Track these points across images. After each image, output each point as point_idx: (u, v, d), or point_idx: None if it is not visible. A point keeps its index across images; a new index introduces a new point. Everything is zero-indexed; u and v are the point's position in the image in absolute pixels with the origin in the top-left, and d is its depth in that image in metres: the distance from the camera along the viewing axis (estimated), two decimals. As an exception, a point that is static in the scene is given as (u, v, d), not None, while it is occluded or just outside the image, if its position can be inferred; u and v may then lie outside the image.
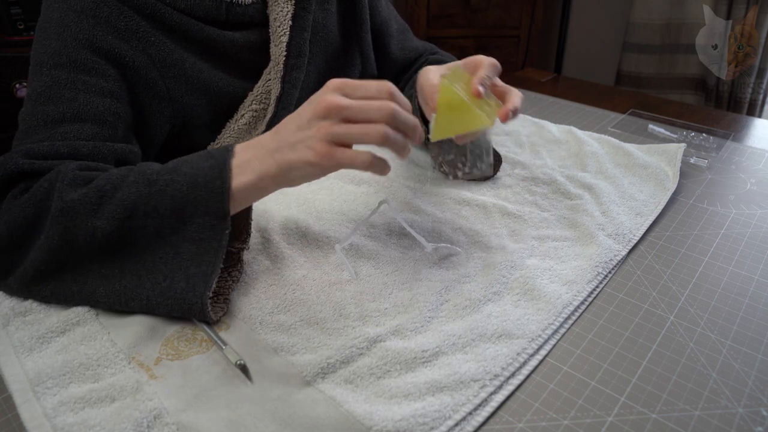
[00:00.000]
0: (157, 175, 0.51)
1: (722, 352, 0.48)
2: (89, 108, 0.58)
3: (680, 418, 0.42)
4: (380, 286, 0.55)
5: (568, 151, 0.83)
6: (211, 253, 0.50)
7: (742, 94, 1.84)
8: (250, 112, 0.73)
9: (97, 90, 0.59)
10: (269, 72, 0.73)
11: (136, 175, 0.51)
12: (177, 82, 0.66)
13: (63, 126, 0.57)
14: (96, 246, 0.50)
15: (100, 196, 0.50)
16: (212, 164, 0.50)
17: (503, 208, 0.67)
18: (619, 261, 0.60)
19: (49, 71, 0.59)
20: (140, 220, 0.50)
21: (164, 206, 0.50)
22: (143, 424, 0.40)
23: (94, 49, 0.60)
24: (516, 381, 0.45)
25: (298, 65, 0.73)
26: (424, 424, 0.40)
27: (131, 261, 0.50)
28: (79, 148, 0.56)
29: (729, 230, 0.66)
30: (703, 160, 0.83)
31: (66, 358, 0.46)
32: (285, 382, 0.44)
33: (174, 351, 0.48)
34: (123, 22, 0.61)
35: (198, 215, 0.50)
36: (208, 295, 0.49)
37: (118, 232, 0.50)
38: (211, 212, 0.50)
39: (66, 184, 0.51)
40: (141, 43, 0.63)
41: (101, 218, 0.49)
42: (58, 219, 0.50)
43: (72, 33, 0.59)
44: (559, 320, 0.51)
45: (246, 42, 0.71)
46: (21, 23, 1.55)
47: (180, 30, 0.66)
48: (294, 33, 0.72)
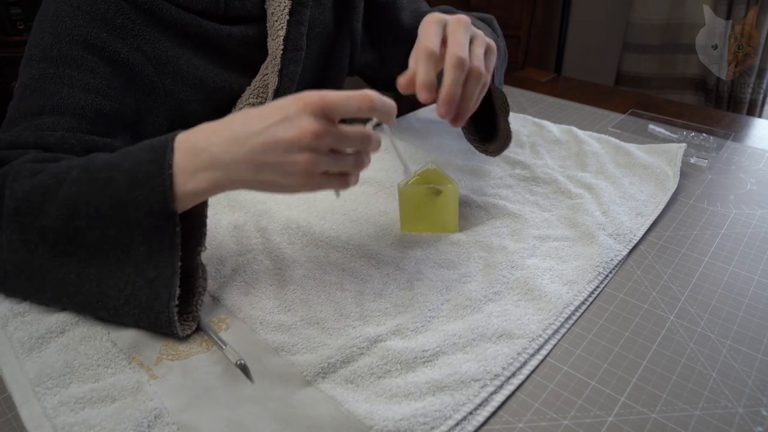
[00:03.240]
0: (97, 172, 0.47)
1: (722, 352, 0.49)
2: (70, 102, 0.58)
3: (680, 418, 0.42)
4: (381, 285, 0.55)
5: (568, 151, 0.83)
6: (164, 253, 0.46)
7: (742, 94, 1.84)
8: (247, 106, 0.73)
9: (82, 85, 0.59)
10: (266, 66, 0.73)
11: (79, 171, 0.48)
12: (173, 79, 0.66)
13: (42, 118, 0.57)
14: (48, 247, 0.47)
15: (42, 193, 0.47)
16: (152, 158, 0.46)
17: (504, 208, 0.67)
18: (619, 261, 0.60)
19: (38, 64, 0.59)
20: (83, 221, 0.46)
21: (105, 207, 0.46)
22: (144, 424, 0.40)
23: (87, 45, 0.60)
24: (516, 381, 0.45)
25: (295, 59, 0.73)
26: (425, 424, 0.40)
27: (85, 265, 0.47)
28: (46, 138, 0.56)
29: (729, 230, 0.66)
30: (703, 160, 0.83)
31: (66, 358, 0.46)
32: (285, 382, 0.44)
33: (174, 351, 0.48)
34: (119, 19, 0.61)
35: (141, 216, 0.45)
36: (174, 304, 0.46)
37: (64, 232, 0.46)
38: (155, 213, 0.45)
39: (12, 179, 0.49)
40: (136, 41, 0.63)
41: (47, 218, 0.47)
42: (13, 218, 0.48)
43: (66, 28, 0.59)
44: (560, 320, 0.51)
45: (244, 37, 0.71)
46: (21, 23, 1.55)
47: (177, 25, 0.65)
48: (291, 27, 0.72)
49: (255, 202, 0.69)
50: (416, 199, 0.62)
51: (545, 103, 1.07)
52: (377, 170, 0.78)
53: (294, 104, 0.44)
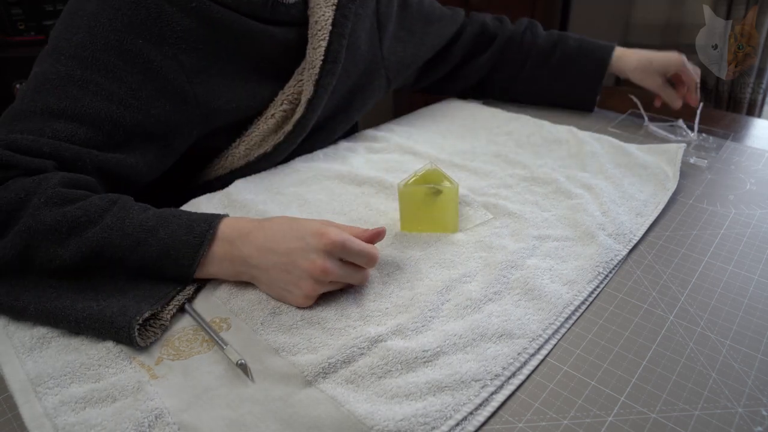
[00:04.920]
0: (133, 230, 0.51)
1: (722, 352, 0.49)
2: (90, 112, 0.57)
3: (680, 418, 0.42)
4: (381, 285, 0.55)
5: (568, 151, 0.83)
6: (155, 298, 0.51)
7: (742, 94, 1.84)
8: (280, 111, 0.73)
9: (107, 94, 0.58)
10: (302, 72, 0.73)
11: (113, 219, 0.51)
12: (205, 88, 0.66)
13: (58, 122, 0.56)
14: (47, 271, 0.50)
15: (71, 227, 0.50)
16: (188, 242, 0.52)
17: (504, 208, 0.67)
18: (619, 261, 0.60)
19: (66, 60, 0.58)
20: (103, 263, 0.51)
21: (130, 261, 0.51)
22: (144, 424, 0.41)
23: (122, 51, 0.59)
24: (517, 381, 0.45)
25: (333, 71, 0.73)
26: (426, 424, 0.40)
27: (71, 287, 0.50)
28: (62, 152, 0.55)
29: (729, 230, 0.66)
30: (703, 160, 0.83)
31: (67, 358, 0.46)
32: (286, 382, 0.44)
33: (175, 351, 0.48)
34: (158, 26, 0.61)
35: (158, 277, 0.52)
36: (137, 320, 0.47)
37: (76, 266, 0.50)
38: (171, 279, 0.52)
39: (43, 201, 0.50)
40: (172, 49, 0.62)
41: (66, 249, 0.50)
42: (23, 234, 0.49)
43: (103, 31, 0.58)
44: (560, 320, 0.51)
45: (284, 39, 0.71)
46: (21, 23, 1.55)
47: (224, 23, 0.65)
48: (333, 38, 0.72)
49: (255, 203, 0.69)
50: (416, 199, 0.62)
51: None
52: (377, 170, 0.78)
53: (317, 239, 0.51)
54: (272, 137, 0.75)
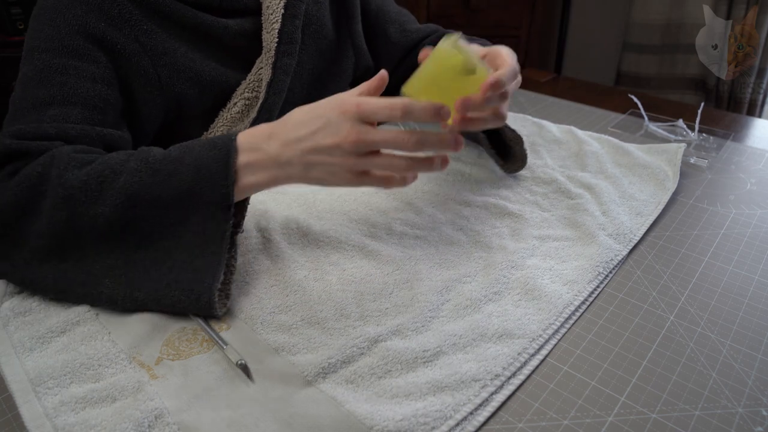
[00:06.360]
0: (160, 164, 0.51)
1: (722, 352, 0.49)
2: (79, 92, 0.59)
3: (680, 418, 0.42)
4: (381, 285, 0.55)
5: (568, 150, 0.83)
6: (216, 243, 0.50)
7: (742, 94, 1.84)
8: (242, 100, 0.73)
9: (88, 75, 0.60)
10: (261, 60, 0.73)
11: (137, 162, 0.51)
12: (169, 71, 0.67)
13: (52, 109, 0.57)
14: (98, 233, 0.50)
15: (100, 182, 0.50)
16: (215, 156, 0.51)
17: (504, 208, 0.67)
18: (619, 261, 0.60)
19: (40, 56, 0.59)
20: (143, 210, 0.50)
21: (168, 197, 0.50)
22: (144, 424, 0.41)
23: (86, 35, 0.60)
24: (517, 381, 0.45)
25: (290, 51, 0.73)
26: (425, 424, 0.40)
27: (136, 251, 0.51)
28: (68, 130, 0.56)
29: (729, 230, 0.66)
30: (703, 160, 0.83)
31: (67, 358, 0.46)
32: (286, 382, 0.44)
33: (175, 351, 0.48)
34: (116, 9, 0.62)
35: (201, 206, 0.50)
36: (217, 286, 0.49)
37: (120, 220, 0.50)
38: (215, 203, 0.50)
39: (63, 168, 0.51)
40: (133, 31, 0.63)
41: (103, 205, 0.50)
42: (61, 205, 0.50)
43: (65, 19, 0.60)
44: (560, 320, 0.51)
45: (240, 29, 0.72)
46: (21, 23, 1.55)
47: (174, 17, 0.66)
48: (286, 20, 0.72)
49: (255, 203, 0.69)
50: (447, 66, 0.51)
51: (545, 103, 1.07)
52: (377, 170, 0.78)
53: (334, 110, 0.49)
54: (239, 126, 0.75)
